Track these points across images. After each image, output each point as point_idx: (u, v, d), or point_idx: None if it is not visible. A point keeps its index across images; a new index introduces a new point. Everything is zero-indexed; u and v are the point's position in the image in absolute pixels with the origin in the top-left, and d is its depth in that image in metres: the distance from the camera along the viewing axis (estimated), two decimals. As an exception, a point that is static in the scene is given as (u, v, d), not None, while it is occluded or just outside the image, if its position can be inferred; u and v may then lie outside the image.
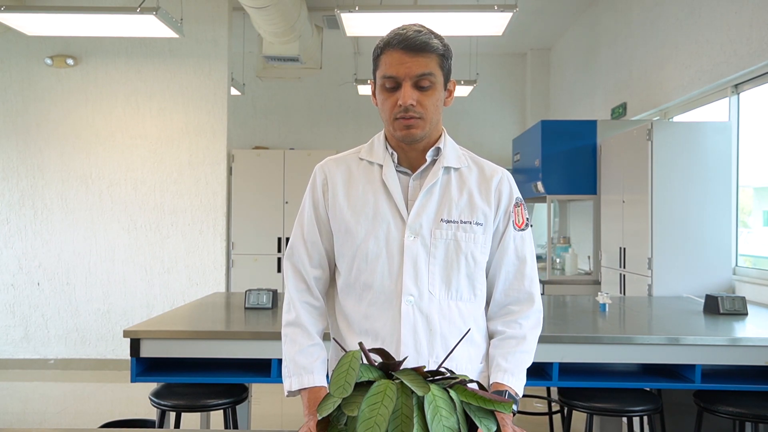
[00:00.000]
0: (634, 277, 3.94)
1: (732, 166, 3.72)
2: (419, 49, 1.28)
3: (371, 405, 0.93)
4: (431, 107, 1.31)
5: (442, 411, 0.94)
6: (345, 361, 0.98)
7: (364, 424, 0.91)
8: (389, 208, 1.35)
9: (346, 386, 0.95)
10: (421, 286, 1.33)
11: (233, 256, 5.86)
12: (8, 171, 5.33)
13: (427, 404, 0.94)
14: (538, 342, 1.41)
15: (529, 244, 1.43)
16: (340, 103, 7.73)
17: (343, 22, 3.91)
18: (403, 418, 0.93)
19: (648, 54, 4.74)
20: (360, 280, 1.36)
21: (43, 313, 5.32)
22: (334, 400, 0.95)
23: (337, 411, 0.97)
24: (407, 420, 0.93)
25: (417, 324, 1.31)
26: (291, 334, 1.39)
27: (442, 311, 1.33)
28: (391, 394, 0.94)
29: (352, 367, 0.97)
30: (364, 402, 0.94)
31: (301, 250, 1.43)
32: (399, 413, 0.93)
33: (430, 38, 1.30)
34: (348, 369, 0.97)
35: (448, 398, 0.96)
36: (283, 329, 1.41)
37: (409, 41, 1.28)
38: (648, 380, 2.40)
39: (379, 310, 1.34)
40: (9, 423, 3.97)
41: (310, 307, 1.41)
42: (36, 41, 5.27)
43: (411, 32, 1.29)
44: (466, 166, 1.41)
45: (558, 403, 2.67)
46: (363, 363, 1.00)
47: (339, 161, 1.44)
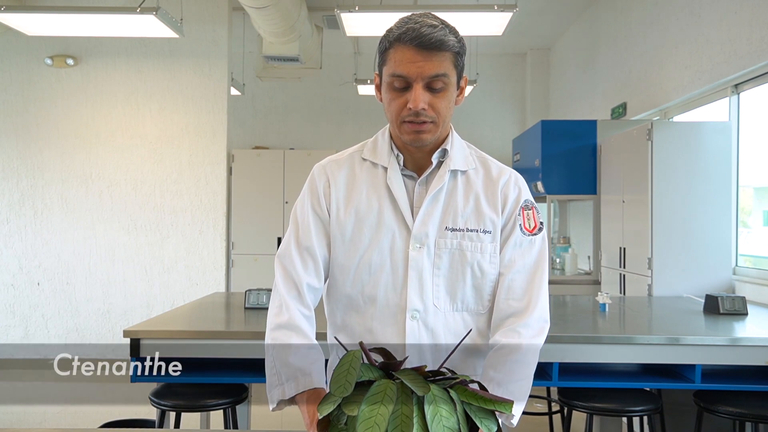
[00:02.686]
0: (634, 277, 3.94)
1: (732, 166, 3.71)
2: (434, 48, 1.16)
3: (371, 405, 0.93)
4: (444, 110, 1.22)
5: (443, 411, 0.93)
6: (346, 360, 0.98)
7: (364, 423, 0.91)
8: (394, 215, 1.26)
9: (346, 385, 0.95)
10: (426, 300, 1.25)
11: (233, 256, 5.86)
12: (8, 171, 5.33)
13: (427, 404, 0.93)
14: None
15: (538, 250, 1.30)
16: (340, 103, 7.73)
17: (343, 22, 3.92)
18: (403, 418, 0.93)
19: (648, 54, 4.74)
20: (364, 292, 1.27)
21: (43, 313, 5.32)
22: (335, 399, 0.95)
23: (337, 410, 0.97)
24: (407, 420, 0.92)
25: (422, 340, 1.24)
26: (283, 337, 1.25)
27: (447, 324, 1.26)
28: (391, 394, 0.94)
29: (352, 366, 0.97)
30: (364, 402, 0.93)
31: (294, 255, 1.29)
32: (399, 413, 0.93)
33: (446, 34, 1.17)
34: (349, 368, 0.97)
35: (449, 398, 0.95)
36: (272, 333, 1.27)
37: (423, 38, 1.15)
38: (648, 380, 2.40)
39: (382, 325, 1.26)
40: (9, 423, 3.97)
41: (303, 314, 1.28)
42: (36, 41, 5.27)
43: (425, 27, 1.16)
44: (474, 168, 1.32)
45: (558, 403, 2.67)
46: (364, 363, 1.00)
47: (341, 163, 1.33)
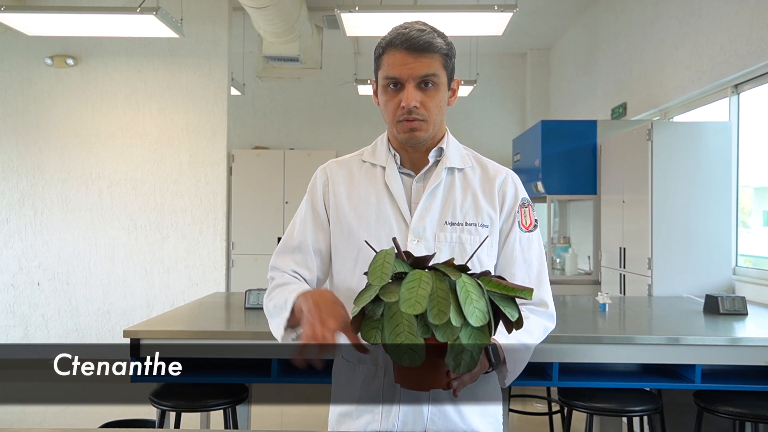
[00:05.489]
0: (634, 277, 3.94)
1: (732, 166, 3.71)
2: (423, 49, 1.25)
3: (410, 288, 1.00)
4: (435, 108, 1.28)
5: (473, 295, 1.01)
6: (379, 256, 1.06)
7: (406, 303, 0.98)
8: (392, 210, 1.32)
9: (383, 276, 1.02)
10: None
11: (233, 256, 5.86)
12: (8, 171, 5.33)
13: (459, 288, 1.01)
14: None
15: (536, 246, 1.38)
16: (340, 103, 7.73)
17: (343, 22, 3.91)
18: (438, 300, 1.00)
19: (648, 54, 4.74)
20: (363, 285, 1.33)
21: (43, 313, 5.32)
22: (373, 289, 1.02)
23: (371, 304, 1.03)
24: (443, 301, 1.00)
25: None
26: (275, 289, 1.30)
27: None
28: (427, 280, 1.01)
29: (386, 261, 1.04)
30: (402, 286, 1.01)
31: (281, 250, 1.39)
32: (435, 295, 1.00)
33: (434, 37, 1.26)
34: (383, 263, 1.04)
35: (477, 285, 1.03)
36: (267, 297, 1.32)
37: (412, 41, 1.24)
38: (648, 380, 2.40)
39: None
40: (9, 423, 3.97)
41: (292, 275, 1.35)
42: (36, 41, 5.26)
43: (414, 31, 1.26)
44: (470, 167, 1.37)
45: (558, 403, 2.67)
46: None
47: (341, 163, 1.40)
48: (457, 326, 0.99)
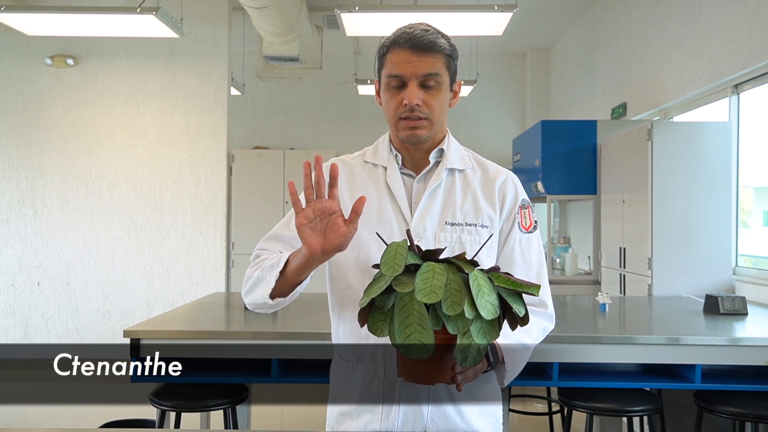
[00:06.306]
0: (634, 277, 3.94)
1: (732, 166, 3.71)
2: (426, 49, 1.26)
3: (424, 279, 1.01)
4: (437, 108, 1.29)
5: (485, 288, 1.03)
6: (392, 248, 1.07)
7: (422, 292, 0.99)
8: (393, 211, 1.32)
9: (396, 267, 1.03)
10: None
11: (233, 256, 5.86)
12: (8, 171, 5.33)
13: (471, 281, 1.02)
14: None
15: (536, 248, 1.38)
16: (340, 103, 7.73)
17: (343, 22, 3.91)
18: (453, 291, 1.01)
19: (648, 54, 4.74)
20: (365, 284, 1.28)
21: (43, 313, 5.32)
22: (385, 280, 1.03)
23: (381, 296, 1.04)
24: (457, 293, 1.01)
25: None
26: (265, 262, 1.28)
27: None
28: (441, 271, 1.03)
29: (399, 252, 1.06)
30: (417, 277, 1.02)
31: (277, 240, 1.37)
32: (449, 287, 1.01)
33: (438, 38, 1.27)
34: (396, 254, 1.06)
35: (488, 279, 1.05)
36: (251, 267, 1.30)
37: (416, 40, 1.26)
38: (648, 380, 2.40)
39: None
40: (9, 423, 3.97)
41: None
42: (36, 41, 5.27)
43: (418, 31, 1.27)
44: (471, 168, 1.38)
45: (558, 403, 2.67)
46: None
47: (343, 163, 1.40)
48: (469, 318, 1.00)
